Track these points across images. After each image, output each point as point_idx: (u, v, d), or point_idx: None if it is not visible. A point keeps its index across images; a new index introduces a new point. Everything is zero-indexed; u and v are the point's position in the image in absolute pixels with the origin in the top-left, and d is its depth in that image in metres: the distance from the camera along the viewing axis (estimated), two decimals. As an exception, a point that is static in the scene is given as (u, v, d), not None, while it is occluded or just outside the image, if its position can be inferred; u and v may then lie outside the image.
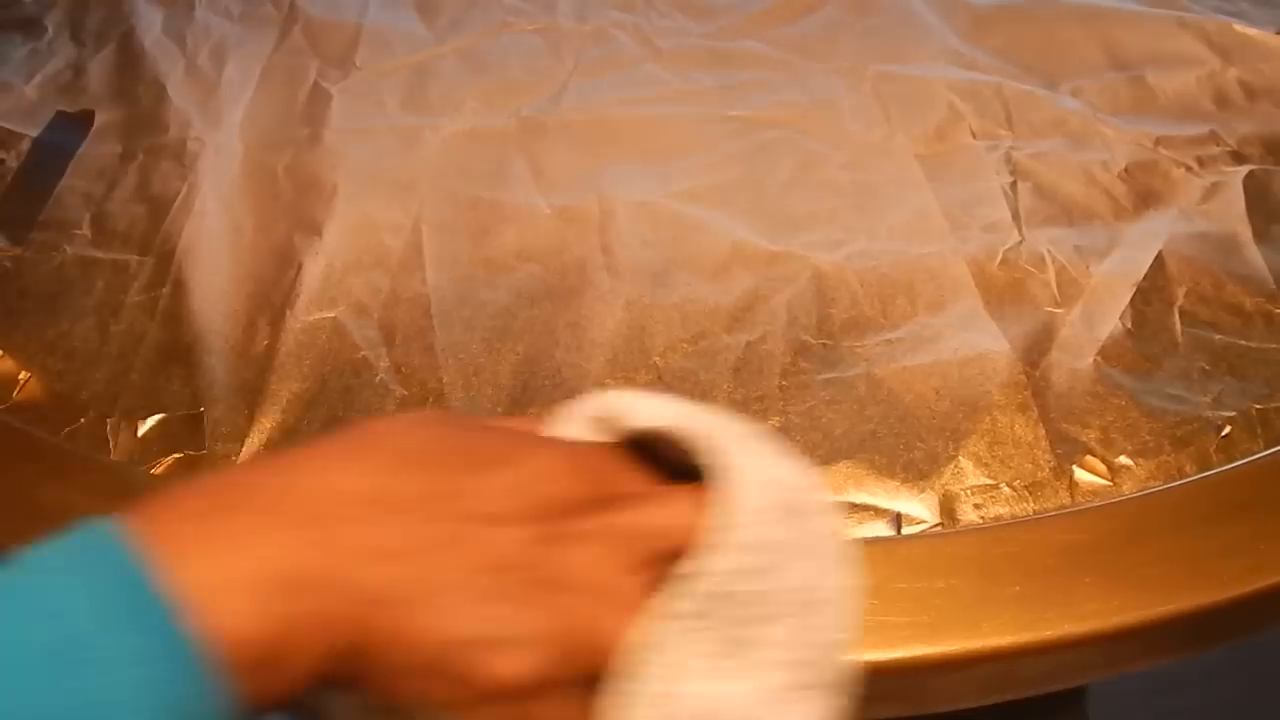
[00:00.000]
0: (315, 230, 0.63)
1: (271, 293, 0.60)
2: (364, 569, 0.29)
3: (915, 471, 0.51)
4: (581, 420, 0.35)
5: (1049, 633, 0.43)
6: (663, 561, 0.32)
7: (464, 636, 0.30)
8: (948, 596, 0.44)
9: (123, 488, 0.50)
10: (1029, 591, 0.44)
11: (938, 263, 0.60)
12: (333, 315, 0.58)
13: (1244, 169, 0.64)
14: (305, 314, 0.58)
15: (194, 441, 0.53)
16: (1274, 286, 0.58)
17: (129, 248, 0.63)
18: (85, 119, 0.72)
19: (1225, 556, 0.45)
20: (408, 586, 0.30)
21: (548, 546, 0.31)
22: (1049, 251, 0.60)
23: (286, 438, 0.53)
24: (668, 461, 0.34)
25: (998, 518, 0.49)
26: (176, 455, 0.53)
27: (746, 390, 0.54)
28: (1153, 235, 0.61)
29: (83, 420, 0.55)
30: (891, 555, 0.45)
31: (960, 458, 0.51)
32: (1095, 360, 0.55)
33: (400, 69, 0.74)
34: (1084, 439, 0.52)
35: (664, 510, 0.33)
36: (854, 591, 0.33)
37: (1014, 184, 0.64)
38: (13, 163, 0.69)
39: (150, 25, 0.78)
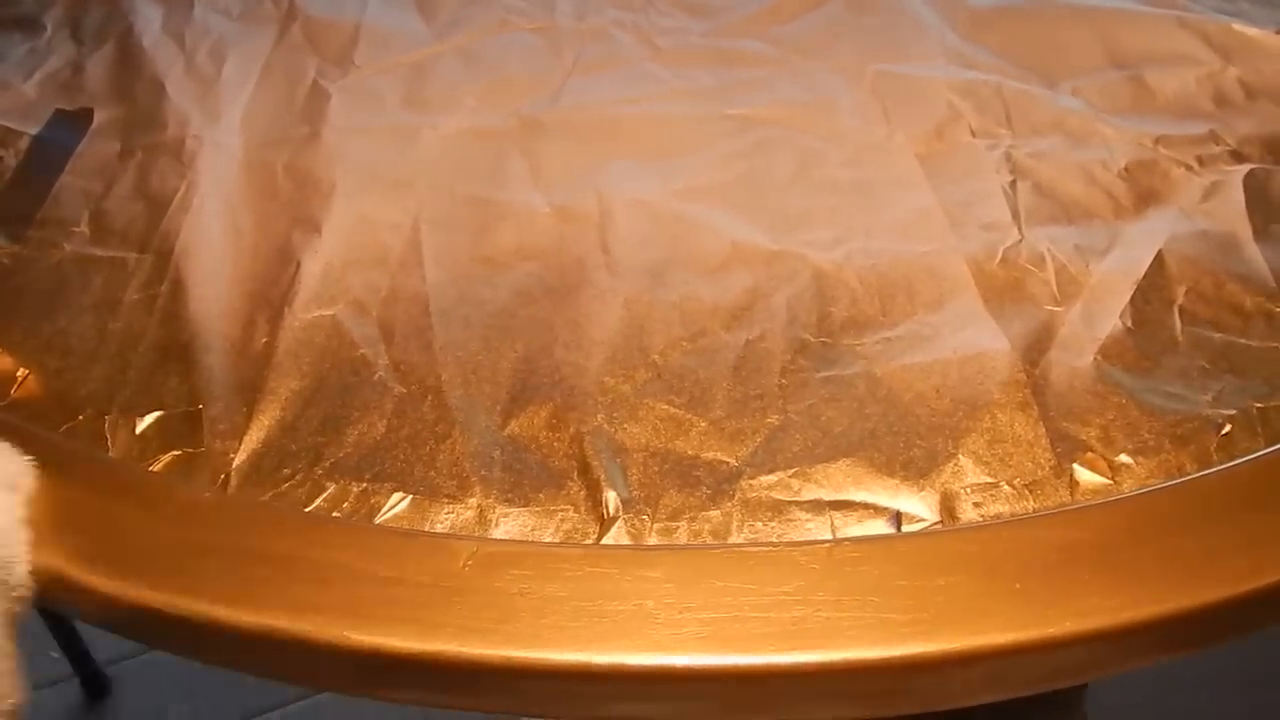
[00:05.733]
0: (314, 228, 0.63)
1: (270, 290, 0.60)
2: None
3: (915, 470, 0.51)
4: None
5: (1049, 630, 0.43)
6: None
7: None
8: (948, 594, 0.43)
9: (121, 485, 0.49)
10: (1029, 589, 0.44)
11: (937, 261, 0.60)
12: (331, 313, 0.58)
13: (1244, 168, 0.64)
14: (304, 312, 0.58)
15: (192, 439, 0.53)
16: (1274, 285, 0.58)
17: (127, 245, 0.63)
18: (84, 117, 0.72)
19: (1226, 554, 0.45)
20: None
21: None
22: (1049, 250, 0.60)
23: (285, 435, 0.53)
24: None
25: (997, 516, 0.49)
26: (175, 453, 0.53)
27: (746, 388, 0.54)
28: (1152, 234, 0.61)
29: (81, 417, 0.54)
30: (891, 553, 0.45)
31: (960, 456, 0.51)
32: (1095, 359, 0.54)
33: (399, 67, 0.74)
34: (1084, 437, 0.52)
35: None
36: None
37: (1013, 183, 0.64)
38: (11, 160, 0.69)
39: (149, 23, 0.78)
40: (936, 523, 0.49)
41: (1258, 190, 0.63)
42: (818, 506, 0.49)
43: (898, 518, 0.49)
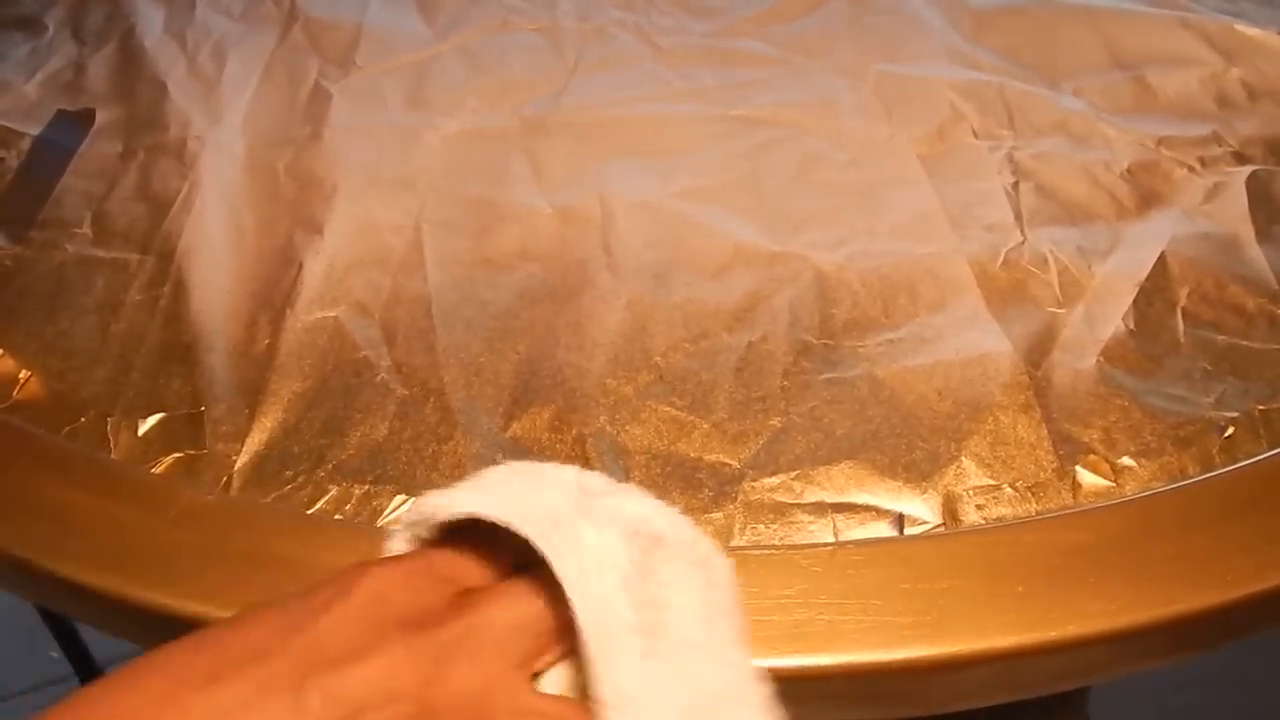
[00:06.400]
0: (316, 229, 0.63)
1: (272, 292, 0.60)
2: None
3: (917, 472, 0.50)
4: (403, 535, 0.34)
5: (1052, 633, 0.43)
6: (531, 652, 0.31)
7: None
8: (950, 597, 0.43)
9: (123, 487, 0.49)
10: (1032, 592, 0.44)
11: (939, 263, 0.60)
12: (334, 315, 0.58)
13: (1246, 169, 0.64)
14: (306, 313, 0.58)
15: (194, 441, 0.53)
16: (1276, 287, 0.58)
17: (129, 247, 0.63)
18: (86, 118, 0.72)
19: (1228, 557, 0.45)
20: None
21: (421, 667, 0.29)
22: (1051, 252, 0.60)
23: (287, 437, 0.53)
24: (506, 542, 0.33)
25: (1000, 518, 0.49)
26: (177, 454, 0.53)
27: (748, 390, 0.54)
28: (1155, 235, 0.61)
29: (83, 419, 0.54)
30: (894, 556, 0.45)
31: (962, 458, 0.51)
32: (1098, 361, 0.54)
33: (401, 68, 0.74)
34: (1086, 439, 0.52)
35: (515, 604, 0.31)
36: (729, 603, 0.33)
37: (1016, 184, 0.64)
38: (13, 161, 0.69)
39: (151, 24, 0.78)
40: (939, 525, 0.49)
41: (1260, 191, 0.63)
42: (820, 509, 0.49)
43: (900, 520, 0.49)
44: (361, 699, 0.28)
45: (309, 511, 0.50)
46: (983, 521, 0.49)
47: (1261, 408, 0.52)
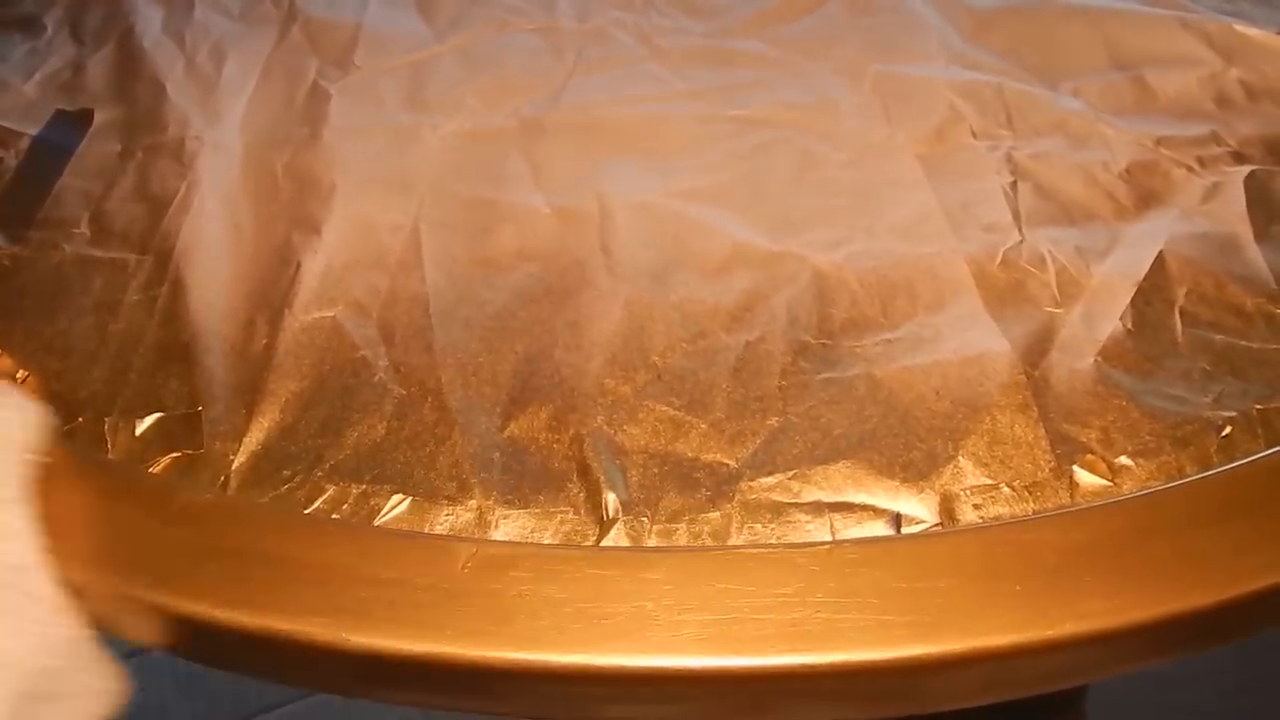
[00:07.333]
0: (314, 229, 0.63)
1: (270, 292, 0.60)
2: None
3: (915, 471, 0.50)
4: None
5: (1049, 632, 0.42)
6: None
7: None
8: (947, 596, 0.43)
9: (121, 487, 0.49)
10: (1029, 591, 0.44)
11: (938, 262, 0.60)
12: (331, 314, 0.58)
13: (1245, 169, 0.64)
14: (304, 313, 0.58)
15: (192, 440, 0.53)
16: (1275, 287, 0.58)
17: (128, 246, 0.63)
18: (84, 118, 0.72)
19: (1226, 556, 0.45)
20: None
21: None
22: (1049, 251, 0.60)
23: (284, 437, 0.53)
24: None
25: (997, 518, 0.49)
26: (175, 454, 0.53)
27: (746, 390, 0.54)
28: (1153, 235, 0.61)
29: (81, 419, 0.54)
30: (891, 555, 0.45)
31: (960, 458, 0.51)
32: (1095, 360, 0.54)
33: (400, 68, 0.74)
34: (1084, 439, 0.51)
35: None
36: None
37: (1014, 184, 0.64)
38: (11, 161, 0.69)
39: (149, 24, 0.78)
40: (936, 524, 0.49)
41: (1259, 191, 0.63)
42: (817, 508, 0.49)
43: (897, 519, 0.49)
44: None
45: (306, 511, 0.50)
46: (980, 521, 0.49)
47: (1259, 407, 0.52)
